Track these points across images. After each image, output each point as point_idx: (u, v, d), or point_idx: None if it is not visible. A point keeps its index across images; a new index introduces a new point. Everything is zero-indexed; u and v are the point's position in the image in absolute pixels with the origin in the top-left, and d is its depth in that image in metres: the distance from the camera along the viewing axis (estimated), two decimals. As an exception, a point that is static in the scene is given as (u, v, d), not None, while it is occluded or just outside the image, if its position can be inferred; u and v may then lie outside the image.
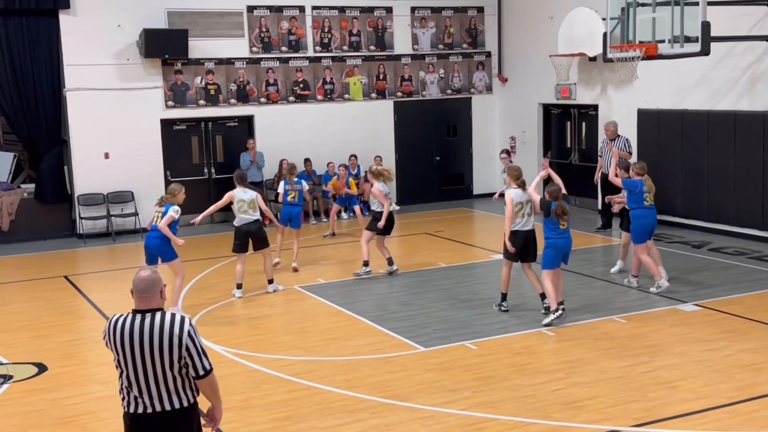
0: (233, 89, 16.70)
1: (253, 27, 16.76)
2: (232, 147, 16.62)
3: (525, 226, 9.41)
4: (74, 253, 14.70)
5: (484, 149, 19.13)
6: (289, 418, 6.97)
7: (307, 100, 17.35)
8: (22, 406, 7.44)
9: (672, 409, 6.86)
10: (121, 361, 4.45)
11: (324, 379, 7.83)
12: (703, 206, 14.12)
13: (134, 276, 4.53)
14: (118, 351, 4.43)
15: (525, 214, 9.38)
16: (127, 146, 15.83)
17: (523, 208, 9.37)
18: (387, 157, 17.84)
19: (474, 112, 19.06)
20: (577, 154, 17.28)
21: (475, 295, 10.60)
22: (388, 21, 17.93)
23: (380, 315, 9.75)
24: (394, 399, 7.27)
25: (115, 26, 15.51)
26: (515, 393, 7.31)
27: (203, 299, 10.88)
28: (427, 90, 18.47)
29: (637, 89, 14.92)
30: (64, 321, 10.36)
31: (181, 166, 16.60)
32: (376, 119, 17.96)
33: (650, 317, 9.45)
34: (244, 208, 10.92)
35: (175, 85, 16.20)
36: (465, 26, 18.69)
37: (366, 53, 17.78)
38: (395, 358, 8.40)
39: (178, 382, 4.46)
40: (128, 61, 15.69)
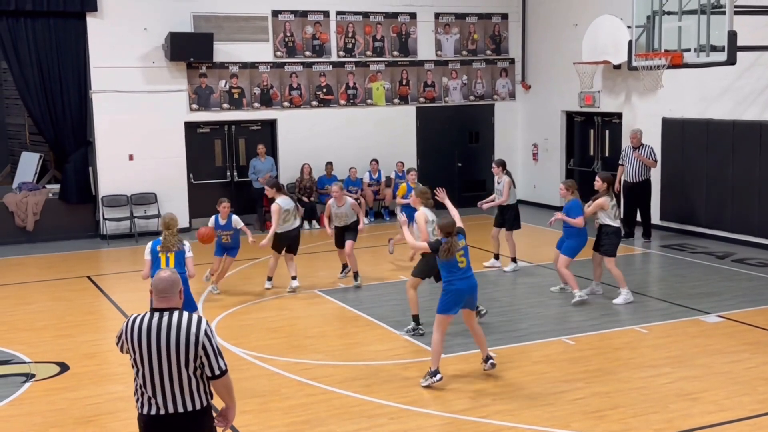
0: (257, 93, 16.79)
1: (277, 31, 16.85)
2: (255, 151, 16.69)
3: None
4: (97, 254, 14.83)
5: (506, 156, 18.89)
6: (307, 422, 6.98)
7: (330, 104, 17.40)
8: (44, 405, 7.51)
9: (693, 421, 6.80)
10: (137, 360, 4.49)
11: (343, 383, 7.83)
12: (727, 216, 13.99)
13: (156, 276, 4.58)
14: (134, 349, 4.47)
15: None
16: (151, 148, 15.96)
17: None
18: (409, 162, 17.84)
19: (497, 118, 19.02)
20: (600, 163, 17.18)
21: (495, 302, 10.56)
22: (411, 27, 17.94)
23: (400, 321, 9.74)
24: (412, 405, 7.26)
25: (141, 29, 15.65)
26: (534, 401, 7.27)
27: (224, 303, 10.92)
28: (449, 96, 18.46)
29: (662, 98, 14.82)
30: (86, 321, 10.45)
31: (204, 168, 16.70)
32: (399, 125, 17.97)
33: (672, 328, 9.38)
34: (289, 217, 11.11)
35: (200, 89, 16.31)
36: (489, 33, 18.66)
37: (389, 59, 17.81)
38: (414, 363, 8.39)
39: (193, 383, 4.49)
40: (154, 64, 15.82)
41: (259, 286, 11.71)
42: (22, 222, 15.46)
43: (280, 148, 17.06)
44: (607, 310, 10.10)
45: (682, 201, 14.80)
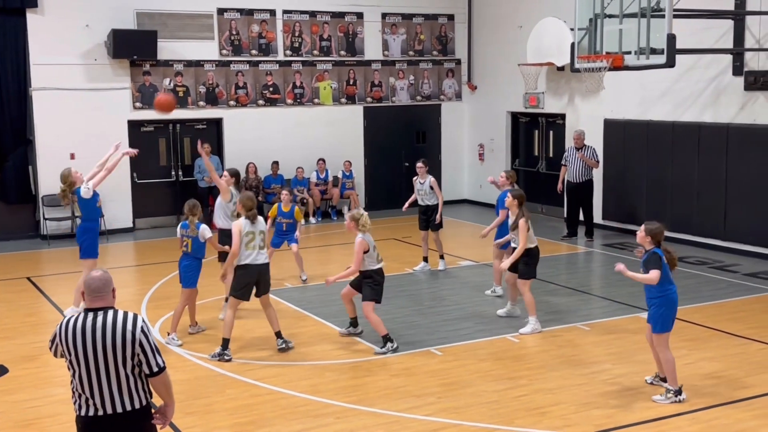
0: (202, 91, 16.62)
1: (223, 29, 16.71)
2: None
3: (256, 260, 8.54)
4: (38, 255, 14.52)
5: (453, 156, 19.24)
6: (253, 422, 6.95)
7: (276, 104, 17.32)
8: (-19, 409, 7.34)
9: (633, 415, 6.95)
10: (73, 362, 4.42)
11: (289, 383, 7.82)
12: (666, 216, 14.29)
13: (87, 277, 4.53)
14: (70, 351, 4.41)
15: (257, 246, 8.50)
16: (93, 147, 15.58)
17: (253, 240, 8.49)
18: (356, 162, 17.88)
19: (443, 118, 19.16)
20: (545, 163, 17.44)
21: (441, 302, 10.65)
22: (359, 26, 17.96)
23: (347, 320, 9.73)
24: (358, 404, 7.28)
25: (83, 26, 15.37)
26: (479, 399, 7.35)
27: (169, 303, 10.79)
28: (396, 96, 18.54)
29: (604, 99, 15.11)
30: (25, 323, 10.22)
31: (148, 168, 16.47)
32: (346, 124, 17.98)
33: (613, 325, 9.57)
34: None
35: (143, 87, 16.08)
36: (435, 33, 18.79)
37: (336, 58, 17.80)
38: (361, 363, 8.41)
39: (131, 381, 4.45)
40: (96, 62, 15.56)
41: (202, 286, 11.56)
42: (-41, 222, 15.07)
43: (225, 147, 16.92)
44: (550, 308, 10.25)
45: (623, 201, 15.11)
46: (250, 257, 8.47)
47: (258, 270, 8.55)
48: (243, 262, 8.47)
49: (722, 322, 9.52)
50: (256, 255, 8.50)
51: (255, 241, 8.47)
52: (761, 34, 12.54)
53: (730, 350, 8.58)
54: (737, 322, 9.52)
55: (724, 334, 9.13)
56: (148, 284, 11.76)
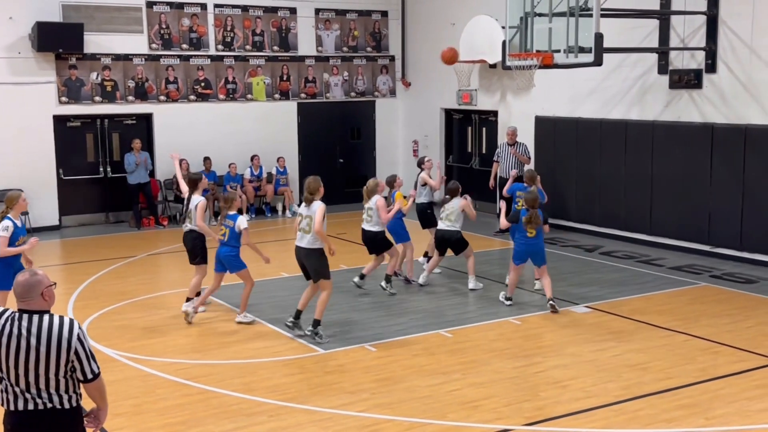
0: (131, 86, 16.28)
1: (152, 23, 16.39)
2: (129, 145, 16.16)
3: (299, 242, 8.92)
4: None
5: (387, 152, 19.27)
6: (184, 422, 6.84)
7: (208, 99, 17.09)
8: None
9: (562, 407, 7.08)
10: (3, 360, 4.27)
11: (221, 382, 7.72)
12: (595, 211, 14.63)
13: (16, 278, 4.38)
14: (1, 350, 4.26)
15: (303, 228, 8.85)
16: (17, 142, 15.22)
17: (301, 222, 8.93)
18: (290, 159, 17.76)
19: (378, 115, 19.18)
20: (478, 159, 17.63)
21: (375, 298, 10.66)
22: (292, 22, 17.84)
23: (280, 317, 9.68)
24: (292, 402, 7.23)
25: (6, 18, 14.90)
26: (413, 394, 7.39)
27: (96, 303, 10.54)
28: (331, 92, 18.48)
29: (535, 97, 15.34)
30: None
31: (74, 164, 16.07)
32: (280, 120, 17.85)
33: (544, 319, 9.72)
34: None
35: (70, 81, 15.67)
36: (369, 30, 18.79)
37: (269, 53, 17.65)
38: (294, 360, 8.37)
39: (62, 384, 4.33)
40: (19, 55, 15.10)
41: (133, 285, 11.37)
42: None
43: (156, 142, 16.61)
44: (483, 303, 10.36)
45: (553, 196, 15.30)
46: (297, 239, 8.89)
47: (297, 252, 8.90)
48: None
49: (648, 315, 9.77)
50: (300, 237, 8.83)
51: (300, 223, 8.83)
52: (685, 34, 12.91)
53: (656, 342, 8.81)
54: (663, 315, 9.77)
55: (650, 326, 9.37)
56: (76, 283, 11.47)
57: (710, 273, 11.84)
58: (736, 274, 11.75)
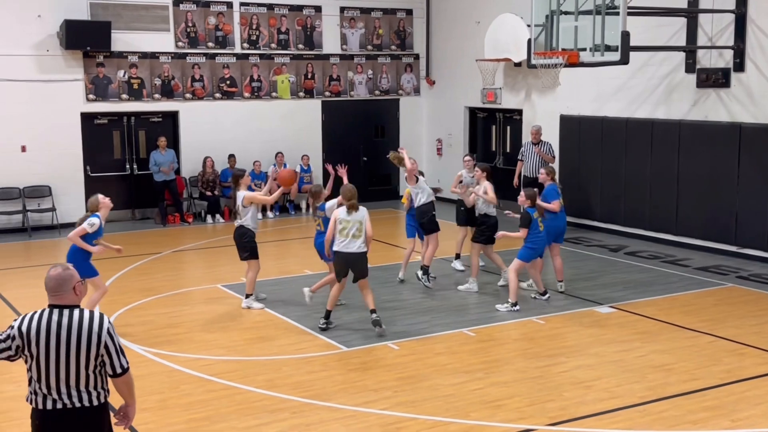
0: (158, 84, 16.41)
1: (179, 21, 16.51)
2: (155, 143, 16.30)
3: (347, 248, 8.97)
4: (-13, 249, 14.22)
5: (411, 151, 19.06)
6: (208, 418, 6.89)
7: (233, 97, 17.18)
8: (-73, 407, 7.17)
9: (586, 408, 7.05)
10: (34, 356, 4.33)
11: (245, 378, 7.77)
12: (620, 211, 14.53)
13: (47, 274, 4.43)
14: (32, 346, 4.31)
15: (349, 234, 8.93)
16: (45, 139, 15.40)
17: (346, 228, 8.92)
18: (314, 156, 17.82)
19: (402, 113, 19.18)
20: (502, 158, 17.57)
21: (398, 296, 10.67)
22: (317, 20, 17.88)
23: (304, 315, 9.72)
24: (315, 399, 7.26)
25: (35, 16, 15.07)
26: (435, 393, 7.39)
27: (122, 297, 10.65)
28: (355, 90, 18.51)
29: (560, 95, 15.27)
30: (-26, 319, 10.00)
31: (101, 161, 16.23)
32: (304, 118, 17.90)
33: (567, 318, 9.68)
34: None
35: (97, 78, 15.82)
36: (394, 28, 18.80)
37: (294, 52, 17.70)
38: (317, 357, 8.40)
39: (91, 380, 4.38)
40: (48, 53, 15.26)
41: (158, 281, 11.46)
42: None
43: (182, 140, 16.73)
44: (507, 302, 10.33)
45: (578, 196, 15.28)
46: (342, 244, 8.92)
47: (347, 257, 8.95)
48: (334, 248, 8.99)
49: (674, 316, 9.69)
50: (348, 243, 8.90)
51: (347, 229, 8.89)
52: (713, 32, 12.78)
53: (681, 343, 8.74)
54: (688, 316, 9.70)
55: (676, 327, 9.30)
56: (102, 279, 11.56)
57: (737, 274, 11.72)
58: (764, 275, 11.62)
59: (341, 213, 9.00)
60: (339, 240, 8.95)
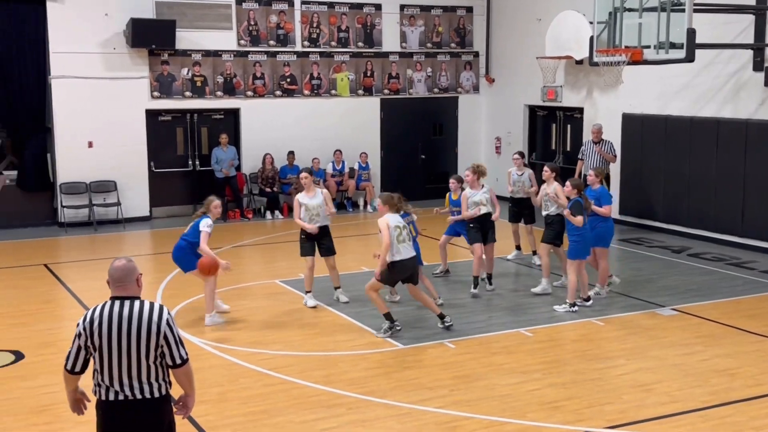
0: (220, 81, 16.66)
1: (241, 20, 16.73)
2: (217, 140, 16.55)
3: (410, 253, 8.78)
4: (55, 242, 14.63)
5: (469, 149, 19.18)
6: (265, 411, 6.98)
7: (293, 94, 17.34)
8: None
9: (646, 411, 6.93)
10: (97, 347, 4.45)
11: (302, 373, 7.84)
12: (683, 211, 14.23)
13: (110, 266, 4.55)
14: (95, 337, 4.43)
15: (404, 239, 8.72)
16: (111, 135, 15.77)
17: (401, 234, 8.70)
18: (372, 154, 17.88)
19: (460, 111, 19.12)
20: (562, 156, 17.37)
21: (454, 294, 10.64)
22: (377, 18, 17.93)
23: (361, 312, 9.77)
24: (371, 395, 7.29)
25: (102, 15, 15.44)
26: (492, 392, 7.35)
27: (184, 292, 10.84)
28: (414, 88, 18.50)
29: (623, 93, 15.01)
30: (42, 309, 10.31)
31: (165, 157, 16.55)
32: (363, 116, 17.97)
33: (628, 320, 9.52)
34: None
35: (162, 76, 16.14)
36: (453, 26, 18.73)
37: (354, 50, 17.78)
38: (373, 354, 8.43)
39: (152, 371, 4.48)
40: (114, 51, 15.62)
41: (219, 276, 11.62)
42: (-22, 209, 15.20)
43: (243, 137, 16.96)
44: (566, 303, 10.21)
45: (640, 196, 15.03)
46: (405, 251, 8.66)
47: (410, 263, 8.77)
48: (396, 258, 8.58)
49: (738, 319, 9.46)
50: (406, 248, 8.70)
51: (402, 234, 8.68)
52: (783, 30, 12.42)
53: (746, 347, 8.52)
54: (753, 320, 9.45)
55: (740, 331, 9.07)
56: (164, 272, 11.81)
57: (805, 278, 11.39)
58: (834, 279, 11.26)
59: (395, 219, 8.72)
60: (400, 247, 8.62)
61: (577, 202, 9.70)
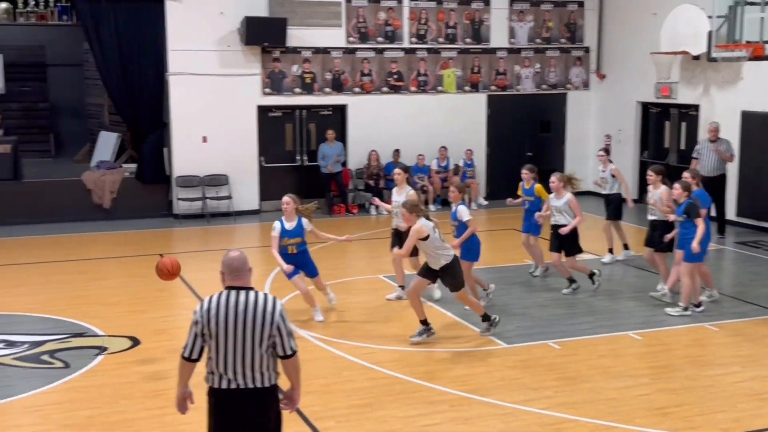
0: (328, 78, 16.91)
1: (350, 17, 16.92)
2: (324, 135, 16.80)
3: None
4: (170, 233, 15.19)
5: (577, 147, 18.80)
6: (368, 405, 7.06)
7: (400, 91, 17.42)
8: (115, 378, 7.77)
9: (762, 421, 6.64)
10: (212, 336, 4.60)
11: (405, 369, 7.89)
12: (807, 214, 13.53)
13: (226, 257, 4.70)
14: (211, 324, 4.59)
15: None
16: (224, 131, 16.23)
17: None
18: (477, 151, 17.78)
19: (569, 108, 18.75)
20: (676, 155, 16.79)
21: (560, 294, 10.46)
22: (485, 14, 17.80)
23: (465, 309, 9.73)
24: (473, 393, 7.27)
25: (217, 13, 15.90)
26: (598, 395, 7.20)
27: (290, 284, 11.05)
28: (521, 84, 18.28)
29: (742, 90, 14.37)
30: (157, 297, 10.74)
31: (274, 152, 16.92)
32: (468, 112, 17.88)
33: (743, 326, 9.14)
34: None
35: (273, 73, 16.51)
36: (564, 21, 18.38)
37: (461, 46, 17.71)
38: (477, 352, 8.39)
39: (264, 360, 4.62)
40: (229, 48, 16.07)
41: (323, 270, 11.81)
42: (99, 199, 15.93)
43: (349, 133, 17.16)
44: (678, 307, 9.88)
45: (759, 197, 14.37)
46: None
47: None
48: (451, 252, 8.50)
49: None
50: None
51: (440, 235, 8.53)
52: None
53: None
54: None
55: None
56: (272, 265, 12.05)
57: None
58: None
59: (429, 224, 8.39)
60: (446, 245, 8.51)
61: (691, 204, 9.29)
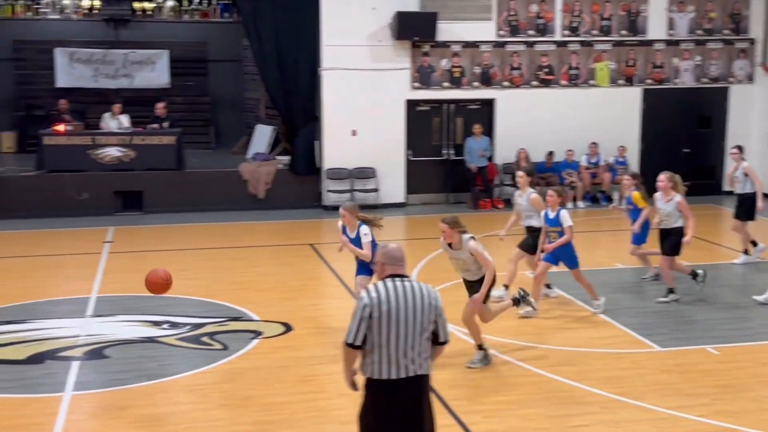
0: (477, 72, 16.83)
1: (501, 10, 16.76)
2: (471, 130, 16.74)
3: None
4: (319, 224, 15.61)
5: (738, 143, 17.75)
6: (516, 402, 7.01)
7: (550, 84, 17.11)
8: (270, 361, 8.08)
9: None
10: (380, 322, 4.66)
11: (552, 367, 7.77)
12: None
13: (386, 248, 4.87)
14: (382, 307, 4.66)
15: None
16: (373, 124, 16.50)
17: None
18: (631, 147, 17.21)
19: (731, 103, 17.81)
20: None
21: (718, 298, 9.98)
22: (642, 5, 17.18)
23: (613, 309, 9.48)
24: (624, 396, 7.07)
25: (370, 8, 16.16)
26: (760, 405, 6.84)
27: (437, 277, 11.12)
28: (679, 77, 17.52)
29: None
30: (308, 286, 11.07)
31: (420, 146, 17.03)
32: (621, 107, 17.33)
33: None
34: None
35: (422, 67, 16.61)
36: (728, 11, 17.47)
37: (616, 38, 17.17)
38: (628, 354, 8.15)
39: (424, 347, 4.76)
40: (380, 43, 16.30)
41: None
42: (255, 190, 16.58)
43: (497, 127, 17.03)
44: None
45: None
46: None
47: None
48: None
49: None
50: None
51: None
52: None
53: None
54: None
55: None
56: (418, 258, 12.19)
57: None
58: None
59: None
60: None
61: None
